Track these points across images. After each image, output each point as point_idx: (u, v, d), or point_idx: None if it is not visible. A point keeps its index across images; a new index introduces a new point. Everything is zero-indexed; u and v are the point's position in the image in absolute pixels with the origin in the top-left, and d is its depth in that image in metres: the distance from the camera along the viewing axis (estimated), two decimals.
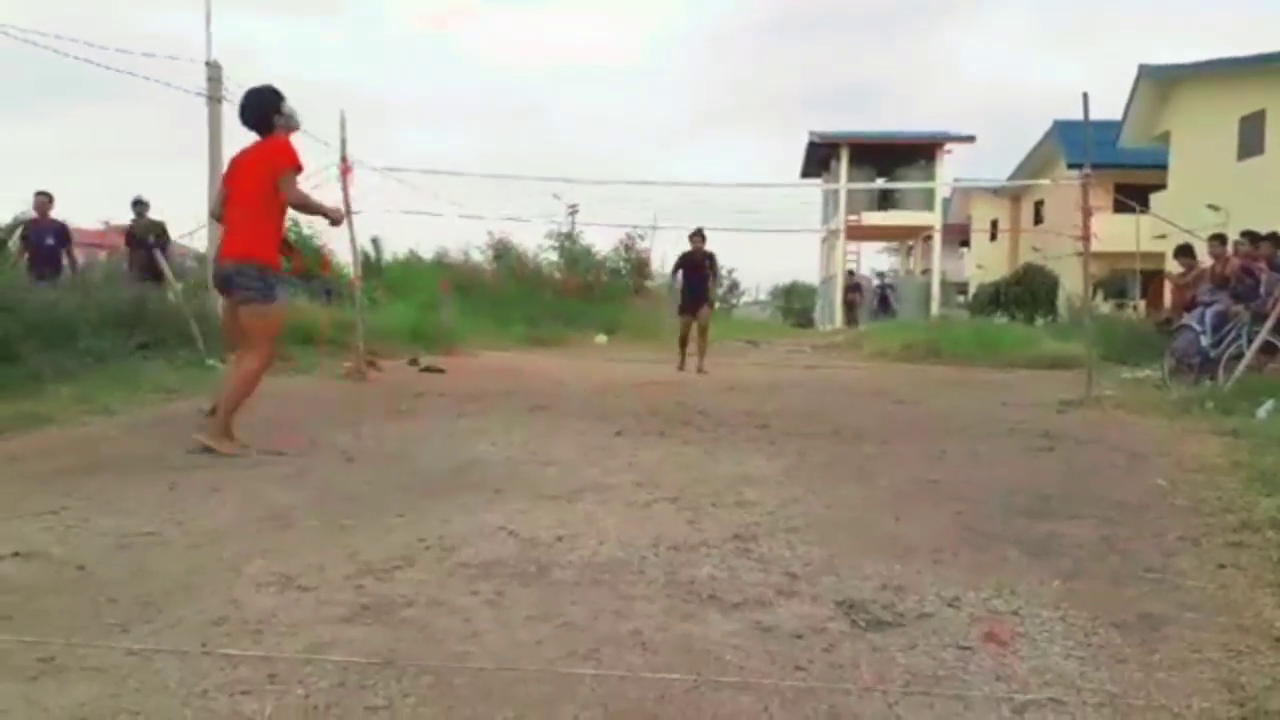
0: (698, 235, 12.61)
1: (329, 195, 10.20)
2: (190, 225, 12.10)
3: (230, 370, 5.45)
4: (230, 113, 11.41)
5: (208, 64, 11.32)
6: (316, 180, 10.30)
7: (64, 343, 8.03)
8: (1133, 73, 20.83)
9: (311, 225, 19.91)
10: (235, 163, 5.51)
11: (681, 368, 12.29)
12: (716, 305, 13.25)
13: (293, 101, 5.53)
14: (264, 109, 5.43)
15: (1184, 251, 11.79)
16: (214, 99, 11.34)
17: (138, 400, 7.29)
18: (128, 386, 7.60)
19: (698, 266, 12.62)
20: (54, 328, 8.16)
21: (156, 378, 8.13)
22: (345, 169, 10.14)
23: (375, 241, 22.90)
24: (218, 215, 5.59)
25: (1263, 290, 9.16)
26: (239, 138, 5.75)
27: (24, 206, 11.25)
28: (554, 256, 25.01)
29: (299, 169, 5.41)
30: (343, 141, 10.14)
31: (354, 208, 10.31)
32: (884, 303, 33.53)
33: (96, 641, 2.49)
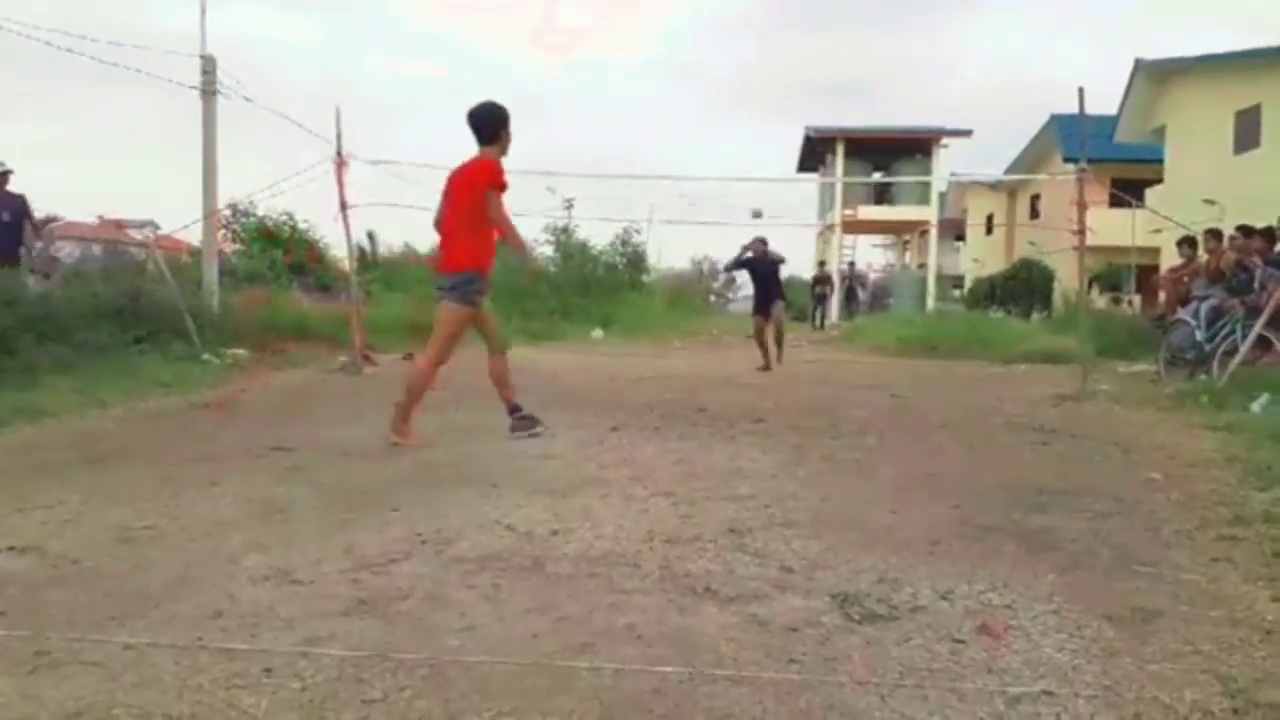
0: (762, 242, 12.67)
1: (324, 189, 10.23)
2: (184, 219, 12.05)
3: (411, 370, 5.79)
4: (225, 106, 11.44)
5: (202, 57, 11.29)
6: (312, 174, 10.32)
7: (60, 336, 8.03)
8: (1129, 67, 20.84)
9: (307, 220, 19.94)
10: (453, 178, 5.67)
11: (766, 367, 12.05)
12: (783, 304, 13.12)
13: (289, 95, 5.55)
14: (495, 122, 5.61)
15: (1187, 243, 11.84)
16: (208, 92, 11.31)
17: (134, 394, 7.29)
18: (124, 380, 7.60)
19: (769, 272, 12.66)
20: (50, 321, 8.15)
21: (153, 372, 8.13)
22: (340, 163, 10.11)
23: (371, 235, 22.92)
24: (439, 227, 5.80)
25: (1257, 285, 9.17)
26: (233, 131, 5.78)
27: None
28: (550, 251, 24.99)
29: (504, 188, 5.58)
30: (338, 135, 10.11)
31: (349, 201, 10.30)
32: (851, 295, 31.32)
33: (93, 635, 2.49)
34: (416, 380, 5.72)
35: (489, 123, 5.60)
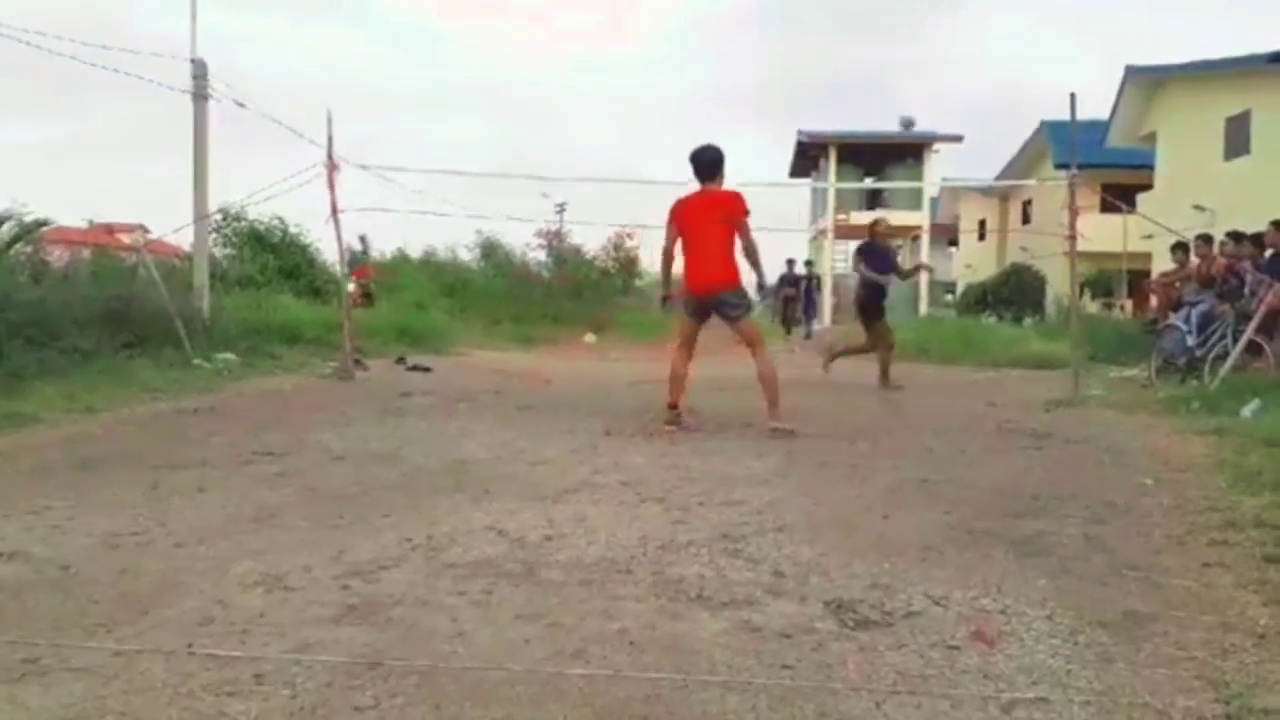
0: (883, 224, 11.44)
1: (315, 194, 10.20)
2: (175, 223, 12.01)
3: (760, 370, 6.51)
4: (215, 109, 11.40)
5: (193, 61, 11.25)
6: (304, 178, 10.29)
7: (49, 341, 7.99)
8: (1120, 74, 20.93)
9: (299, 224, 19.90)
10: (689, 208, 6.44)
11: (826, 368, 11.16)
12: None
13: (280, 99, 5.62)
14: (717, 163, 6.53)
15: (1179, 248, 11.89)
16: (199, 96, 11.27)
17: (123, 400, 7.26)
18: (113, 386, 7.57)
19: (885, 259, 11.12)
20: (39, 326, 8.11)
21: (143, 377, 8.10)
22: (332, 167, 10.09)
23: (363, 240, 22.89)
24: (671, 255, 6.63)
25: (1248, 290, 9.21)
26: (224, 134, 5.78)
27: (7, 202, 11.13)
28: (543, 255, 24.99)
29: (749, 214, 6.49)
30: (329, 140, 10.09)
31: (339, 206, 10.28)
32: (809, 300, 24.18)
33: (82, 642, 2.47)
34: (772, 378, 6.43)
35: (715, 164, 6.51)
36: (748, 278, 6.83)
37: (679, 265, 6.77)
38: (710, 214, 6.38)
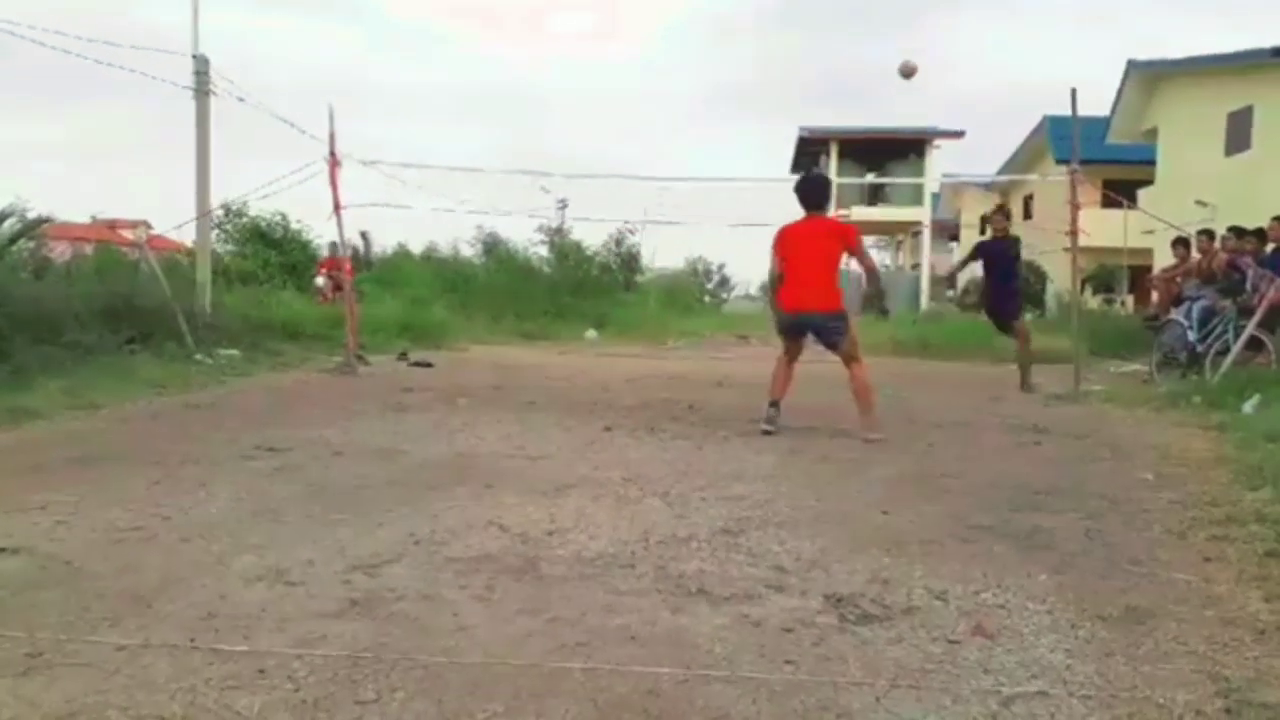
0: (1000, 214, 9.96)
1: (318, 190, 10.21)
2: (178, 219, 12.01)
3: (853, 384, 6.45)
4: (218, 106, 11.39)
5: (194, 58, 11.25)
6: (306, 174, 10.30)
7: (52, 337, 7.99)
8: (1121, 68, 20.89)
9: (300, 220, 19.87)
10: (796, 235, 6.52)
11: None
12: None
13: (282, 94, 5.59)
14: (825, 194, 6.81)
15: (1180, 243, 11.88)
16: (201, 93, 11.27)
17: (126, 395, 7.27)
18: (116, 381, 7.57)
19: (1002, 257, 9.59)
20: (41, 322, 8.11)
21: (145, 373, 8.10)
22: (334, 163, 10.09)
23: (364, 236, 22.91)
24: (778, 278, 6.60)
25: (1249, 285, 9.20)
26: (226, 131, 5.79)
27: (10, 198, 11.12)
28: (544, 251, 24.98)
29: (860, 239, 6.92)
30: (331, 136, 10.08)
31: (341, 202, 10.28)
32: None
33: (85, 637, 2.48)
34: (865, 387, 6.39)
35: (823, 196, 6.73)
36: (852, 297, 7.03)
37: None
38: (815, 240, 6.46)
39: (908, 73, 8.44)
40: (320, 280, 17.37)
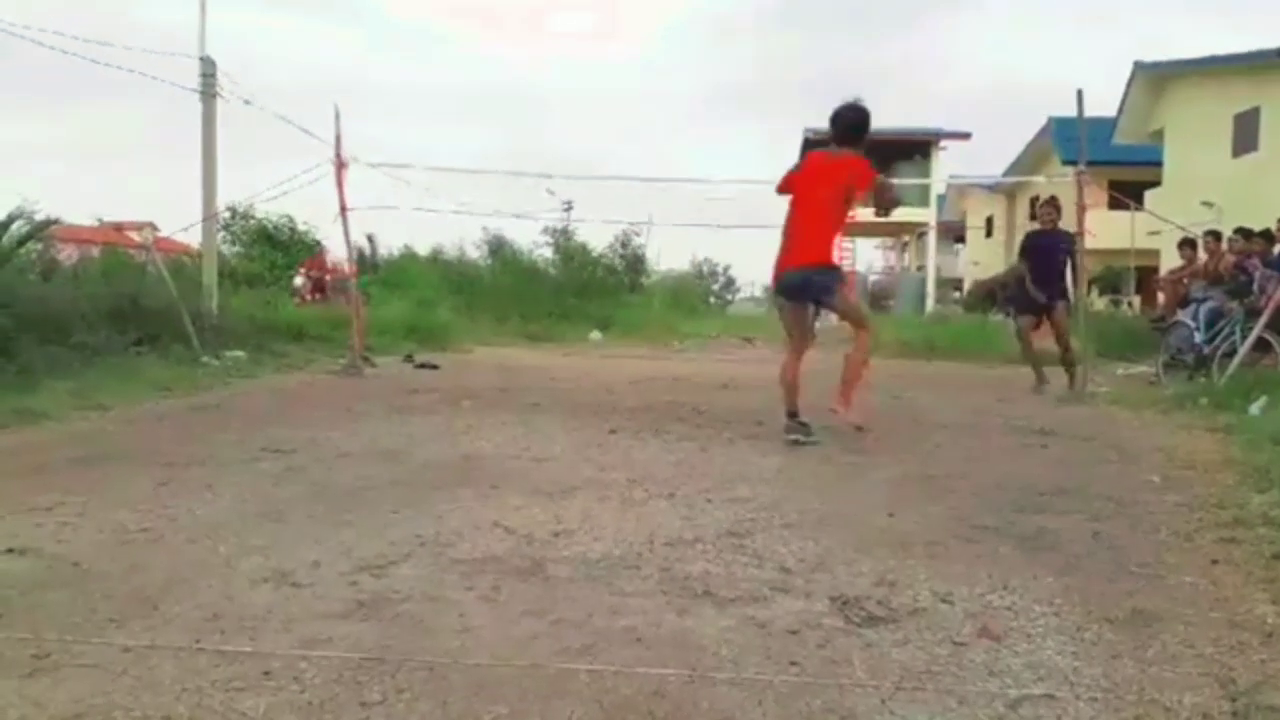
0: (1053, 208, 9.33)
1: (324, 192, 10.23)
2: (184, 221, 12.02)
3: (849, 352, 5.84)
4: (224, 108, 11.44)
5: (201, 59, 11.28)
6: (312, 176, 10.32)
7: (58, 338, 8.02)
8: (1128, 69, 20.86)
9: (307, 222, 19.91)
10: (813, 166, 5.76)
11: (1037, 388, 9.07)
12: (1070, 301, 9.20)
13: (288, 96, 5.58)
14: (863, 128, 5.75)
15: (1187, 244, 11.86)
16: (208, 95, 11.31)
17: (132, 396, 7.29)
18: (122, 382, 7.59)
19: (1049, 251, 9.13)
20: (48, 323, 8.14)
21: (151, 374, 8.12)
22: (340, 165, 10.11)
23: (370, 238, 22.96)
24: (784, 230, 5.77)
25: (1256, 287, 9.19)
26: (231, 132, 5.80)
27: (18, 200, 11.15)
28: (549, 253, 25.01)
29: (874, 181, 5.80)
30: (337, 138, 10.11)
31: (348, 205, 10.30)
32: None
33: (91, 638, 2.49)
34: (860, 357, 5.81)
35: (859, 128, 5.77)
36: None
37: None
38: (831, 179, 5.63)
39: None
40: (299, 280, 17.29)
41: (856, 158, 5.71)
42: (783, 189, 5.95)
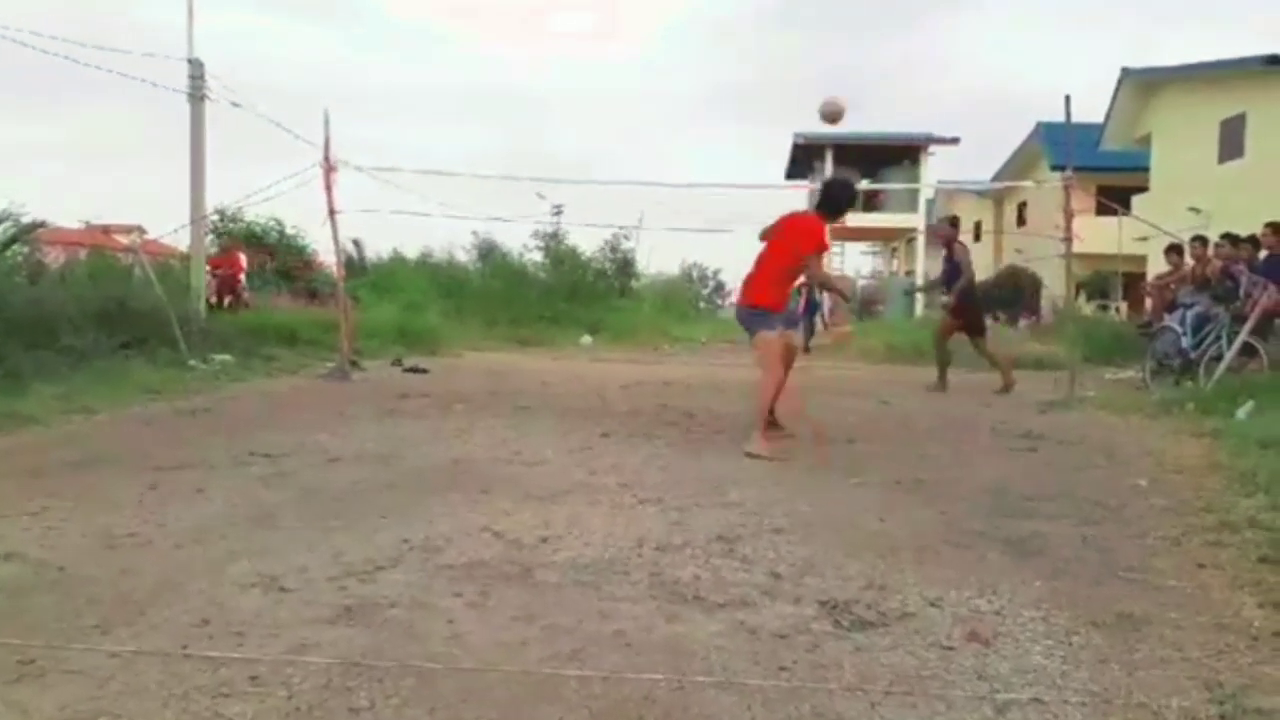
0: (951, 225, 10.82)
1: (314, 194, 10.19)
2: (172, 224, 12.00)
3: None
4: (212, 110, 11.40)
5: (189, 62, 11.25)
6: (301, 179, 10.29)
7: (45, 341, 7.98)
8: (1115, 75, 20.96)
9: (295, 225, 19.85)
10: (780, 222, 6.30)
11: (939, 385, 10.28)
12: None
13: (277, 98, 5.58)
14: (840, 204, 6.41)
15: (1174, 249, 11.92)
16: (196, 97, 11.27)
17: (120, 400, 7.25)
18: (110, 386, 7.56)
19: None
20: (36, 327, 8.10)
21: (139, 378, 8.09)
22: (329, 169, 10.08)
23: (357, 243, 22.88)
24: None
25: (1242, 292, 9.24)
26: (221, 135, 5.79)
27: (4, 202, 11.08)
28: (539, 257, 24.97)
29: (824, 250, 6.47)
30: (326, 141, 10.07)
31: (337, 208, 10.27)
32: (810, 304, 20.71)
33: (78, 643, 2.47)
34: (762, 388, 6.09)
35: (842, 202, 6.43)
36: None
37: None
38: (782, 238, 6.15)
39: (833, 117, 7.97)
40: (208, 277, 16.73)
41: (816, 222, 6.26)
42: (762, 238, 6.40)
